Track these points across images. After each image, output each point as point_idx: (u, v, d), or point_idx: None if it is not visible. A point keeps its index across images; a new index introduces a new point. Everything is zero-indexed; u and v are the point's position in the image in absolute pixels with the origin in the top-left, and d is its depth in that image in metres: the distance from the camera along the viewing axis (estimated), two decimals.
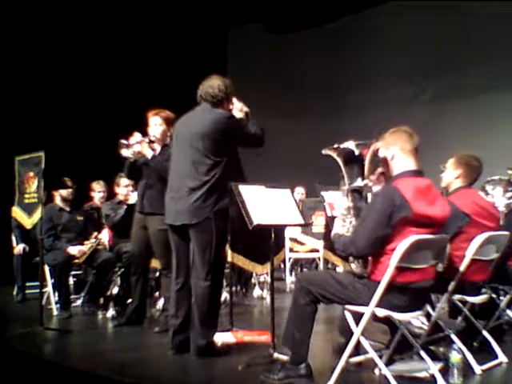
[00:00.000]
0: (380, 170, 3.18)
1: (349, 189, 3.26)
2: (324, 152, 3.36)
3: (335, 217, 3.35)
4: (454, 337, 3.35)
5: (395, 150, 3.08)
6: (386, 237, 2.91)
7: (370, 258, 3.04)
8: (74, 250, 5.65)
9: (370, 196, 3.27)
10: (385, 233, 2.90)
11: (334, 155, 3.31)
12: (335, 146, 3.30)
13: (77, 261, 5.74)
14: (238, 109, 3.98)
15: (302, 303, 3.09)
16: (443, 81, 9.73)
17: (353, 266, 3.16)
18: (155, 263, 5.21)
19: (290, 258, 7.72)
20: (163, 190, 4.41)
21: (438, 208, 3.01)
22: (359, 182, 3.25)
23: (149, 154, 4.63)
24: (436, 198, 3.06)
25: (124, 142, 4.62)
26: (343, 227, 3.21)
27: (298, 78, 11.14)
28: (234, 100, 3.98)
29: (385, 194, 2.97)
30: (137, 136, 4.67)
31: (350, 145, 3.24)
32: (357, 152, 3.23)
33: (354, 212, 3.22)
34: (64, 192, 5.92)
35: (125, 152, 4.65)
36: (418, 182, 3.00)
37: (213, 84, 3.91)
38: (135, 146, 4.63)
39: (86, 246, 5.74)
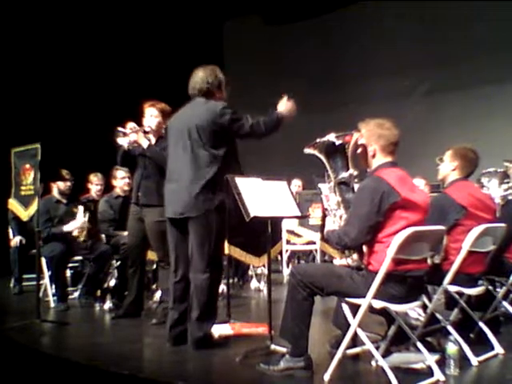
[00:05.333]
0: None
1: (335, 182, 3.27)
2: (306, 151, 3.37)
3: (327, 215, 3.35)
4: (450, 328, 3.36)
5: (376, 148, 3.15)
6: (378, 224, 2.97)
7: (365, 248, 3.07)
8: (68, 227, 5.68)
9: (355, 186, 3.29)
10: (376, 221, 2.96)
11: (316, 152, 3.33)
12: (315, 141, 3.31)
13: (81, 239, 5.75)
14: (288, 109, 3.94)
15: (299, 298, 3.09)
16: (440, 74, 9.74)
17: (349, 260, 3.18)
18: (152, 255, 5.21)
19: (287, 250, 7.75)
20: (159, 180, 4.41)
21: (418, 194, 3.11)
22: (344, 174, 3.25)
23: (144, 143, 4.62)
24: (414, 186, 3.20)
25: (121, 129, 4.61)
26: (334, 223, 3.23)
27: (295, 70, 11.11)
28: (286, 100, 3.94)
29: (371, 183, 3.05)
30: (132, 125, 4.65)
31: (331, 137, 3.25)
32: (337, 142, 3.23)
33: (343, 205, 3.24)
34: (62, 185, 5.92)
35: (121, 140, 4.63)
36: (397, 172, 3.10)
37: (197, 78, 3.88)
38: (131, 135, 4.62)
39: (79, 221, 5.74)
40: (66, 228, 5.69)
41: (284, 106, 3.95)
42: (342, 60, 10.82)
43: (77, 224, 5.72)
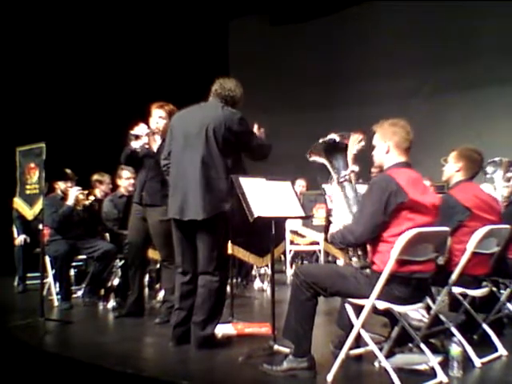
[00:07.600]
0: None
1: (338, 181, 3.27)
2: (310, 159, 3.38)
3: (330, 221, 3.35)
4: (454, 330, 3.36)
5: (391, 145, 3.14)
6: (383, 224, 2.96)
7: (369, 248, 3.06)
8: (70, 201, 5.72)
9: (357, 186, 3.29)
10: (382, 220, 2.95)
11: (317, 158, 3.33)
12: (312, 145, 3.31)
13: (86, 202, 5.84)
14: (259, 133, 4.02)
15: (302, 298, 3.08)
16: (442, 75, 9.73)
17: (354, 259, 3.17)
18: (155, 255, 5.21)
19: (290, 251, 7.73)
20: (163, 181, 4.41)
21: (429, 197, 3.09)
22: (346, 172, 3.25)
23: (155, 146, 4.63)
24: (426, 188, 3.16)
25: (134, 133, 4.62)
26: (338, 222, 3.22)
27: (299, 70, 11.12)
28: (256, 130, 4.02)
29: (380, 182, 3.03)
30: (143, 127, 4.66)
31: (331, 136, 3.26)
32: (338, 139, 3.24)
33: (346, 204, 3.23)
34: (62, 186, 5.93)
35: (134, 144, 4.65)
36: (409, 173, 3.09)
37: (230, 84, 3.89)
38: (143, 138, 4.64)
39: (73, 191, 5.77)
40: (69, 202, 5.72)
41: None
42: (347, 60, 10.82)
43: (73, 193, 5.74)
